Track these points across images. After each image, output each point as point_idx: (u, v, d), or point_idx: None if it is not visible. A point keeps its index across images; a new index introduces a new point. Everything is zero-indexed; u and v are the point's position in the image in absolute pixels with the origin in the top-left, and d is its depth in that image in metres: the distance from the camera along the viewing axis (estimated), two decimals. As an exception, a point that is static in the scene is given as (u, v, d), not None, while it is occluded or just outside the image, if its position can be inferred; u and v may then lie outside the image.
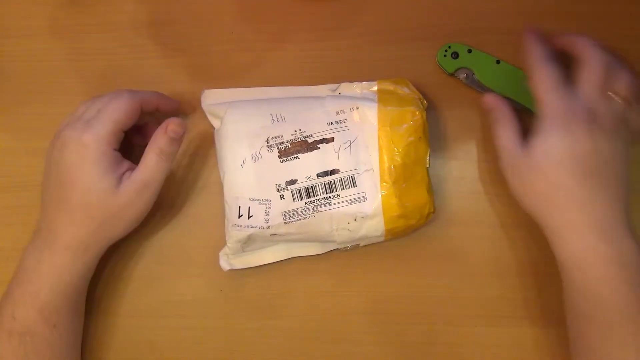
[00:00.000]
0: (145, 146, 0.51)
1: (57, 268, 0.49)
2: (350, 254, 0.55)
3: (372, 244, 0.54)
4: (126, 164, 0.51)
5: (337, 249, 0.54)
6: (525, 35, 0.51)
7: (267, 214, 0.51)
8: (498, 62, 0.55)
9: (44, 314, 0.48)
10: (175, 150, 0.51)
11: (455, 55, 0.55)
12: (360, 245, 0.54)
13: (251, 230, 0.51)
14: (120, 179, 0.49)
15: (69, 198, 0.49)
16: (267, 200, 0.51)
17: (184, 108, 0.57)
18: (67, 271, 0.49)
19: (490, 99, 0.53)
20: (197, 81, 0.57)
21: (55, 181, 0.49)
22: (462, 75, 0.56)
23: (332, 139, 0.51)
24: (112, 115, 0.49)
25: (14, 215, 0.57)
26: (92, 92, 0.58)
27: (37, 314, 0.48)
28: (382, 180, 0.51)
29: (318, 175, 0.51)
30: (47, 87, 0.58)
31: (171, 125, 0.50)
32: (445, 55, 0.56)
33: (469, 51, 0.55)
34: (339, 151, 0.51)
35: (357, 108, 0.52)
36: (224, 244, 0.53)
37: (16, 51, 0.59)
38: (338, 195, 0.51)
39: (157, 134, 0.51)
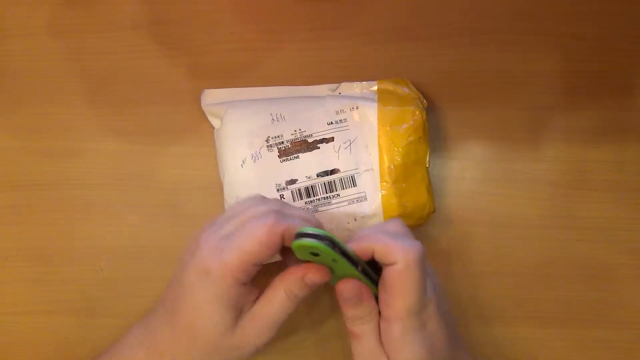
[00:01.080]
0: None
1: None
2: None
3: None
4: (254, 293, 0.44)
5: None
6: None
7: (267, 213, 0.51)
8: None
9: None
10: (305, 295, 0.44)
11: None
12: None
13: (251, 230, 0.51)
14: (240, 312, 0.43)
15: (177, 318, 0.43)
16: None
17: (183, 107, 0.57)
18: None
19: (353, 287, 0.43)
20: (197, 81, 0.57)
21: (173, 290, 0.44)
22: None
23: (332, 139, 0.51)
24: (245, 242, 0.41)
25: (13, 215, 0.57)
26: (91, 92, 0.58)
27: None
28: (382, 180, 0.51)
29: (318, 175, 0.51)
30: (47, 87, 0.58)
31: (311, 274, 0.43)
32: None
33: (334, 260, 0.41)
34: (339, 151, 0.51)
35: (357, 108, 0.52)
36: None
37: (16, 51, 0.59)
38: (338, 195, 0.51)
39: (291, 272, 0.43)
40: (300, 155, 0.51)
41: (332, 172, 0.51)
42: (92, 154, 0.57)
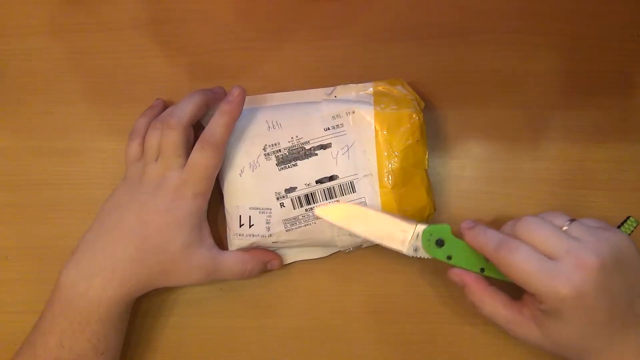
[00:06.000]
0: None
1: (108, 300, 0.48)
2: (351, 254, 0.55)
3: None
4: (207, 232, 0.51)
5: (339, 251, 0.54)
6: (465, 231, 0.47)
7: (268, 222, 0.50)
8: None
9: (93, 342, 0.47)
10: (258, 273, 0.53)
11: (441, 242, 0.48)
12: (362, 246, 0.54)
13: (253, 239, 0.51)
14: (201, 242, 0.50)
15: (147, 237, 0.48)
16: (267, 209, 0.50)
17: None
18: (117, 303, 0.48)
19: (457, 273, 0.48)
20: (197, 80, 0.58)
21: (135, 214, 0.49)
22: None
23: (329, 145, 0.50)
24: (206, 171, 0.49)
25: (13, 215, 0.57)
26: (92, 91, 0.58)
27: (87, 342, 0.47)
28: (381, 185, 0.50)
29: (317, 182, 0.50)
30: (46, 86, 0.58)
31: (275, 261, 0.54)
32: (429, 243, 0.48)
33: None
34: (337, 157, 0.50)
35: (353, 112, 0.51)
36: (225, 244, 0.54)
37: (16, 50, 0.59)
38: (338, 201, 0.50)
39: (261, 254, 0.53)
40: (299, 162, 0.50)
41: (331, 178, 0.50)
42: (92, 154, 0.57)
